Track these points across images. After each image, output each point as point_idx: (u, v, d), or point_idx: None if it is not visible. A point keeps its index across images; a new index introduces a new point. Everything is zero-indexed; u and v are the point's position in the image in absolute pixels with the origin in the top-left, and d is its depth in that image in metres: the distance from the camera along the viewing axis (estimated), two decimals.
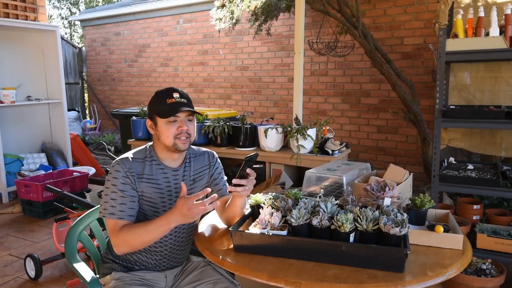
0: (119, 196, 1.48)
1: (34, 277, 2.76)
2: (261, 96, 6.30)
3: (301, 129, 3.03)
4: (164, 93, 1.55)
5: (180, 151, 1.56)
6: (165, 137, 1.53)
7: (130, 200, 1.50)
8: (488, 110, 2.54)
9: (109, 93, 8.56)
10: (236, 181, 1.48)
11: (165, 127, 1.52)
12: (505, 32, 2.44)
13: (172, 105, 1.51)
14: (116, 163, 1.53)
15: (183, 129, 1.52)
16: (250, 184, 1.51)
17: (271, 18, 4.65)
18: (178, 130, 1.52)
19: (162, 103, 1.53)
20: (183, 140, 1.53)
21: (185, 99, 1.55)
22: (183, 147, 1.54)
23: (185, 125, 1.53)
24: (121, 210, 1.47)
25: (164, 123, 1.53)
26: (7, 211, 4.21)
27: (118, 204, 1.47)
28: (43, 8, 5.23)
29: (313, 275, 1.25)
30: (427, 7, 4.68)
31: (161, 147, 1.58)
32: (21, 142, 5.06)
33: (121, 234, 1.44)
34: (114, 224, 1.46)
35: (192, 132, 1.57)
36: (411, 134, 4.85)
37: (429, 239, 1.49)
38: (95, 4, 16.12)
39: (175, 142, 1.53)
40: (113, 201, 1.47)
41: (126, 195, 1.49)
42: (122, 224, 1.46)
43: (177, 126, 1.52)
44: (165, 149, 1.57)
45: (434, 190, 2.65)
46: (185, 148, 1.55)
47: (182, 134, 1.53)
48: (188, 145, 1.57)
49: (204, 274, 1.63)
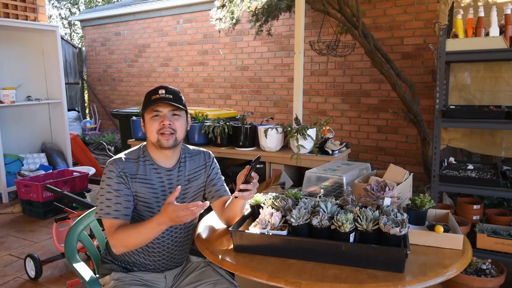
0: (114, 196, 1.48)
1: (34, 277, 2.76)
2: (261, 96, 6.30)
3: (301, 129, 3.03)
4: (152, 91, 1.57)
5: (164, 148, 1.54)
6: (149, 133, 1.54)
7: (125, 199, 1.50)
8: (488, 110, 2.54)
9: (109, 93, 8.56)
10: (243, 186, 1.49)
11: (150, 123, 1.54)
12: (505, 32, 2.44)
13: (156, 100, 1.52)
14: (109, 163, 1.53)
15: (165, 124, 1.51)
16: (255, 187, 1.52)
17: (272, 18, 4.64)
18: (160, 125, 1.52)
19: (148, 99, 1.54)
20: (166, 136, 1.52)
21: (171, 95, 1.54)
22: (166, 143, 1.52)
23: (168, 120, 1.52)
24: (116, 209, 1.47)
25: (148, 118, 1.54)
26: (7, 211, 4.21)
27: (113, 204, 1.48)
28: (43, 8, 5.23)
29: (313, 275, 1.25)
30: (427, 7, 4.68)
31: (151, 145, 1.59)
32: (21, 142, 5.07)
33: (116, 235, 1.44)
34: (110, 224, 1.47)
35: (178, 129, 1.55)
36: (411, 134, 4.85)
37: (429, 239, 1.49)
38: (95, 4, 16.10)
39: (159, 138, 1.52)
40: (108, 201, 1.48)
41: (121, 195, 1.49)
42: (118, 224, 1.47)
43: (160, 121, 1.52)
44: (154, 147, 1.57)
45: (434, 190, 2.65)
46: (169, 145, 1.53)
47: (164, 129, 1.51)
48: (173, 142, 1.53)
49: (204, 275, 1.63)
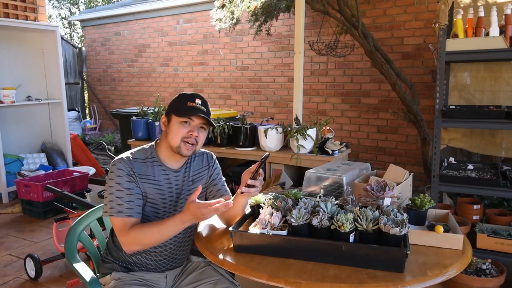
0: (126, 194, 1.47)
1: (34, 277, 2.76)
2: (261, 96, 6.30)
3: (301, 129, 3.03)
4: (188, 96, 1.57)
5: (182, 156, 1.56)
6: (173, 136, 1.53)
7: (137, 197, 1.49)
8: (488, 110, 2.54)
9: (109, 93, 8.56)
10: (251, 182, 1.50)
11: (177, 127, 1.53)
12: (505, 32, 2.44)
13: (192, 108, 1.53)
14: (117, 162, 1.51)
15: (193, 134, 1.53)
16: (261, 184, 1.53)
17: (271, 18, 4.64)
18: (188, 134, 1.53)
19: (183, 103, 1.54)
20: (189, 146, 1.53)
21: (205, 107, 1.57)
22: (186, 153, 1.54)
23: (196, 131, 1.54)
24: (129, 207, 1.46)
25: (177, 122, 1.53)
26: (7, 211, 4.21)
27: (126, 202, 1.46)
28: (43, 8, 5.23)
29: (313, 275, 1.25)
30: (427, 7, 4.68)
31: (165, 146, 1.58)
32: (21, 142, 5.06)
33: (132, 233, 1.42)
34: (123, 223, 1.44)
35: (200, 141, 1.57)
36: (411, 134, 4.85)
37: (429, 239, 1.49)
38: (95, 4, 16.09)
39: (180, 145, 1.53)
40: (119, 199, 1.46)
41: (133, 193, 1.48)
42: (132, 222, 1.45)
43: (188, 130, 1.53)
44: (168, 149, 1.57)
45: (434, 190, 2.65)
46: (188, 155, 1.55)
47: (190, 139, 1.53)
48: (192, 153, 1.56)
49: (204, 275, 1.63)
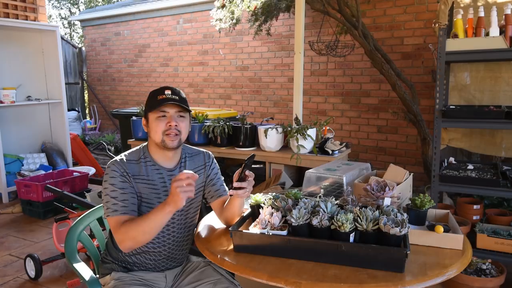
0: (120, 193, 1.48)
1: (34, 277, 2.76)
2: (261, 96, 6.30)
3: (301, 129, 3.03)
4: (157, 91, 1.58)
5: (169, 149, 1.56)
6: (154, 133, 1.54)
7: (131, 196, 1.50)
8: (488, 110, 2.54)
9: (109, 93, 8.56)
10: (237, 184, 1.49)
11: (155, 123, 1.54)
12: (505, 32, 2.44)
13: (162, 100, 1.53)
14: (111, 164, 1.53)
15: (172, 125, 1.52)
16: (250, 186, 1.52)
17: (271, 18, 4.64)
18: (167, 126, 1.53)
19: (154, 99, 1.55)
20: (172, 137, 1.53)
21: (177, 96, 1.56)
22: (171, 144, 1.54)
23: (174, 121, 1.53)
24: (124, 205, 1.47)
25: (154, 119, 1.54)
26: (7, 211, 4.21)
27: (120, 201, 1.47)
28: (43, 8, 5.23)
29: (313, 275, 1.25)
30: (427, 7, 4.68)
31: (153, 145, 1.59)
32: (21, 142, 5.06)
33: (122, 229, 1.43)
34: (116, 221, 1.45)
35: (182, 130, 1.57)
36: (411, 134, 4.84)
37: (429, 239, 1.49)
38: (95, 4, 16.09)
39: (163, 138, 1.53)
40: (114, 199, 1.47)
41: (127, 192, 1.50)
42: (125, 219, 1.46)
43: (166, 122, 1.53)
44: (156, 147, 1.58)
45: (434, 190, 2.65)
46: (173, 146, 1.55)
47: (170, 131, 1.53)
48: (177, 142, 1.55)
49: (204, 274, 1.63)
